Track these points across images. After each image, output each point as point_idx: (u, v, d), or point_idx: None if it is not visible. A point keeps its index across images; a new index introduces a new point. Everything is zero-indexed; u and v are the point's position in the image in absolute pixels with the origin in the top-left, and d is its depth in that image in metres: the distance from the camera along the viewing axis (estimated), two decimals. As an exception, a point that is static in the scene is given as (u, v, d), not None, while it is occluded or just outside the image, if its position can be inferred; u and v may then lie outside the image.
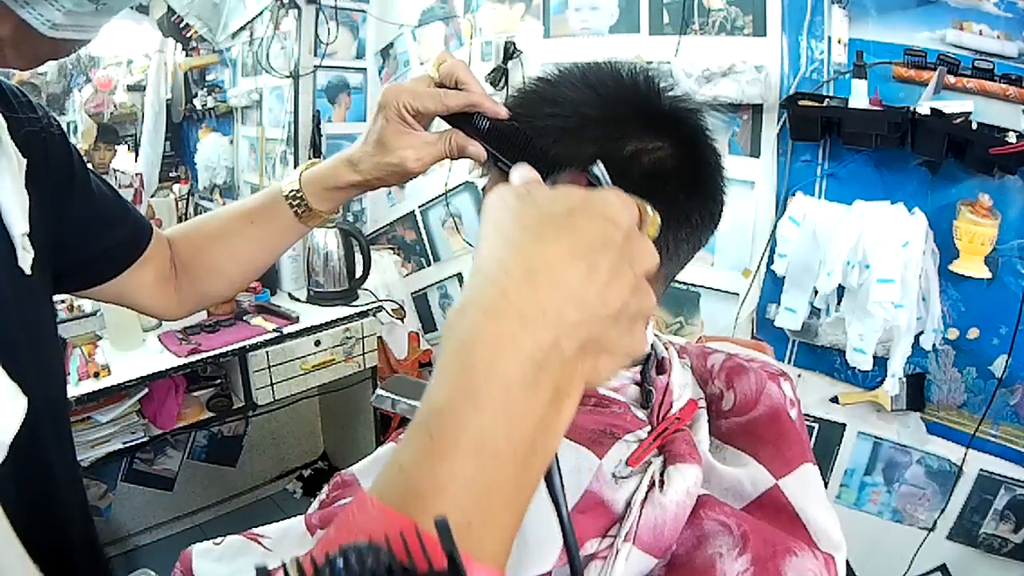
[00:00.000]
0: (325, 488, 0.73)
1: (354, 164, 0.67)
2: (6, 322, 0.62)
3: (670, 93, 0.55)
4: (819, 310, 1.59)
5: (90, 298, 0.82)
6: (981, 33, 1.32)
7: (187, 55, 2.61)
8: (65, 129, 0.73)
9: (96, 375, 1.79)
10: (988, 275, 1.36)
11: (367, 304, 2.33)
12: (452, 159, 0.62)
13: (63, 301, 2.06)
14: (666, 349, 0.62)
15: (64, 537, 0.72)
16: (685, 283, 1.85)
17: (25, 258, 0.62)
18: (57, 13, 0.51)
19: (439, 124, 0.64)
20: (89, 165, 0.75)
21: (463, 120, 0.61)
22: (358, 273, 2.37)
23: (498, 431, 0.30)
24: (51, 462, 0.69)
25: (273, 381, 2.11)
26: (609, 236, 0.34)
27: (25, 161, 0.63)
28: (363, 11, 2.48)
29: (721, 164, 0.56)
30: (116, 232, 0.76)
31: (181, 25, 2.51)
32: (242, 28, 2.49)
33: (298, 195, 0.73)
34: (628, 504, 0.47)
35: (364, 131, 0.66)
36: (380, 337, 2.43)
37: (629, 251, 0.34)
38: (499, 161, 0.57)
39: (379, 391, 1.93)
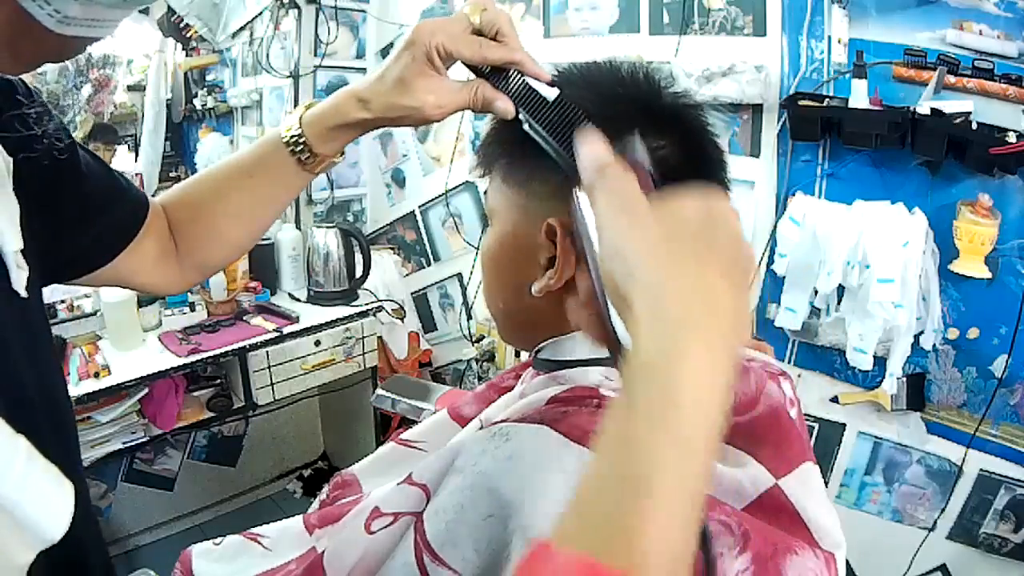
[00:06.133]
0: (325, 488, 0.73)
1: (364, 101, 0.62)
2: (8, 351, 0.57)
3: (670, 90, 0.54)
4: (819, 310, 1.59)
5: (89, 285, 0.75)
6: (981, 33, 1.32)
7: (187, 55, 2.61)
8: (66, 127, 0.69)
9: (96, 375, 1.79)
10: (988, 275, 1.36)
11: (367, 304, 2.33)
12: (475, 111, 0.58)
13: (63, 301, 2.06)
14: None
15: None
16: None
17: (20, 278, 0.57)
18: (74, 4, 0.42)
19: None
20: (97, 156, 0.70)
21: (490, 73, 0.57)
22: (358, 273, 2.37)
23: (699, 475, 0.30)
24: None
25: (273, 381, 2.11)
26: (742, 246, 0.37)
27: (11, 160, 0.58)
28: (363, 11, 2.49)
29: (724, 159, 0.56)
30: (113, 213, 0.70)
31: (181, 25, 2.51)
32: (242, 28, 2.49)
33: (300, 140, 0.66)
34: None
35: (381, 66, 0.61)
36: (380, 337, 2.43)
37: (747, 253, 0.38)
38: (528, 124, 0.53)
39: (379, 391, 1.94)
